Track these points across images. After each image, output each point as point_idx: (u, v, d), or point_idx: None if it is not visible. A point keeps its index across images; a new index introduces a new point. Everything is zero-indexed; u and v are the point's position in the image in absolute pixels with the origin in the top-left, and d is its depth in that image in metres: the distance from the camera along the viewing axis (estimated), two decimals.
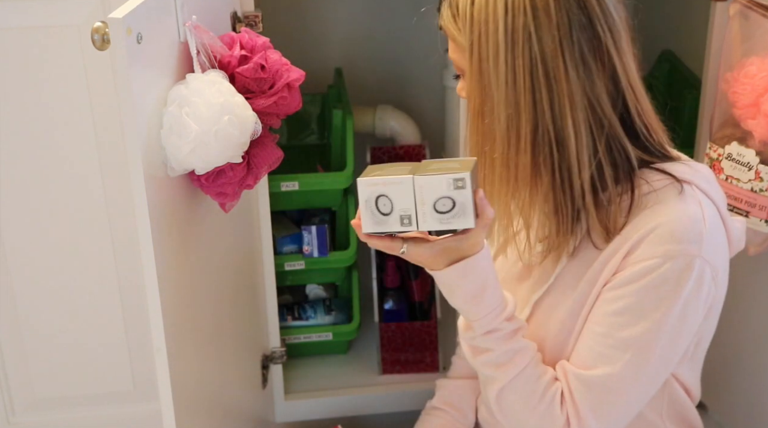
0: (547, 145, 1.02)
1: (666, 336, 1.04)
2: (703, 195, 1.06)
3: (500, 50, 1.00)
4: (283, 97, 1.16)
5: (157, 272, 1.01)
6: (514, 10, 1.00)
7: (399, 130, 1.96)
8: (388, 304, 1.84)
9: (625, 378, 1.05)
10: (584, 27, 1.00)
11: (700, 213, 1.03)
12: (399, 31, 2.04)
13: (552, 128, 1.01)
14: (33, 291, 1.58)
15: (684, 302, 1.03)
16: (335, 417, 1.77)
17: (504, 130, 1.02)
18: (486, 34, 1.01)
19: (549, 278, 1.12)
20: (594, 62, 1.01)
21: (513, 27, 1.00)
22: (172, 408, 1.07)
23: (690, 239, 1.02)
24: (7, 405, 1.65)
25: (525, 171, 1.04)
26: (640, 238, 1.03)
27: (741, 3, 1.36)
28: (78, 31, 1.41)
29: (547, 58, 1.00)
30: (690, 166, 1.09)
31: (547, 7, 0.99)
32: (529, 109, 1.01)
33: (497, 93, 1.02)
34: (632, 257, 1.04)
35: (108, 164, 1.51)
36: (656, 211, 1.04)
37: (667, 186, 1.05)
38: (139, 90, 0.97)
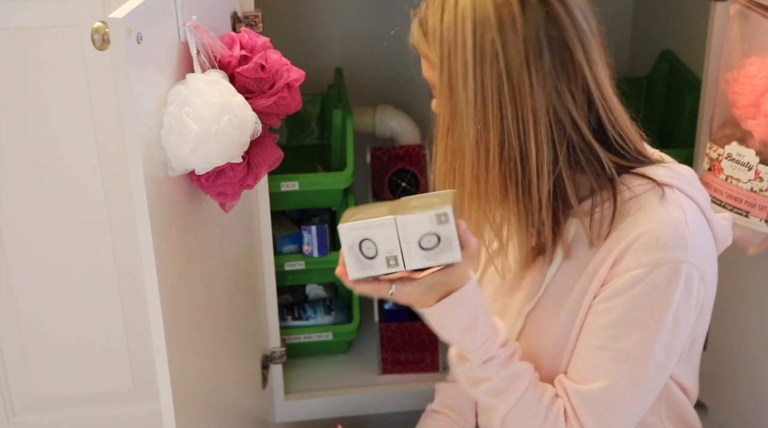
0: (513, 160, 1.02)
1: (661, 343, 1.04)
2: (685, 197, 1.06)
3: (468, 67, 1.01)
4: (283, 97, 1.16)
5: (157, 272, 1.01)
6: (482, 27, 0.99)
7: (399, 130, 1.96)
8: (388, 304, 1.84)
9: (625, 389, 1.05)
10: (553, 40, 1.00)
11: (683, 217, 1.03)
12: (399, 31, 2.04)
13: (516, 142, 1.01)
14: (33, 291, 1.58)
15: (675, 308, 1.03)
16: (335, 417, 1.77)
17: (473, 145, 1.02)
18: (455, 51, 1.01)
19: (539, 288, 1.12)
20: (564, 75, 1.01)
21: (481, 43, 1.00)
22: (172, 408, 1.07)
23: (675, 245, 1.02)
24: (7, 405, 1.65)
25: (494, 186, 1.04)
26: (625, 247, 1.03)
27: (741, 3, 1.36)
28: (78, 31, 1.41)
29: (513, 73, 1.00)
30: (670, 168, 1.09)
31: (513, 23, 0.99)
32: (497, 124, 1.01)
33: (466, 109, 1.02)
34: (619, 268, 1.03)
35: (108, 164, 1.51)
36: (639, 218, 1.03)
37: (648, 191, 1.05)
38: (139, 90, 0.97)
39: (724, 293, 1.09)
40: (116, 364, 1.66)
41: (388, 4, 2.02)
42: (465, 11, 1.00)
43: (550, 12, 0.99)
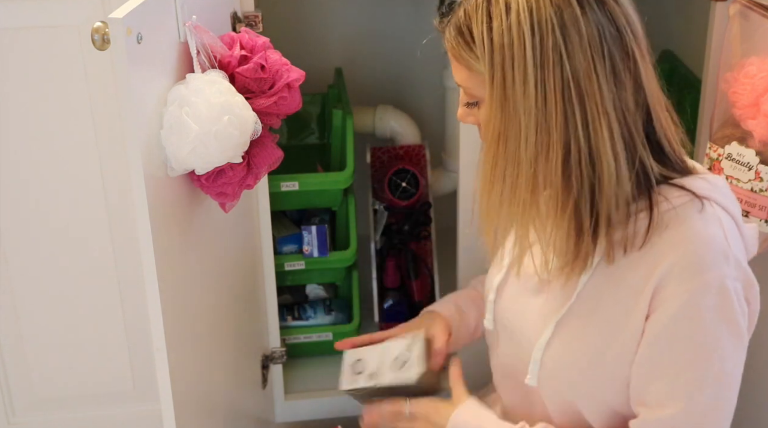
0: (580, 163, 0.99)
1: (730, 359, 1.03)
2: (722, 210, 1.05)
3: (529, 74, 0.97)
4: (283, 98, 1.16)
5: (157, 272, 1.01)
6: (541, 31, 0.96)
7: (399, 130, 1.96)
8: (388, 304, 1.84)
9: (705, 413, 1.03)
10: (614, 38, 0.98)
11: (722, 233, 1.02)
12: (399, 31, 2.04)
13: (586, 145, 0.98)
14: (33, 291, 1.58)
15: (730, 322, 1.01)
16: (335, 417, 1.77)
17: (532, 153, 0.99)
18: (512, 59, 0.97)
19: (570, 295, 1.10)
20: (624, 73, 0.99)
21: (542, 48, 0.96)
22: (172, 408, 1.07)
23: (718, 264, 1.00)
24: (7, 405, 1.65)
25: (555, 191, 1.01)
26: (668, 269, 1.01)
27: (741, 3, 1.36)
28: (78, 31, 1.41)
29: (579, 76, 0.97)
30: (708, 180, 1.07)
31: (576, 23, 0.96)
32: (561, 129, 0.98)
33: (525, 118, 0.98)
34: (667, 292, 1.01)
35: (108, 164, 1.51)
36: (679, 234, 1.02)
37: (686, 203, 1.03)
38: (139, 90, 0.97)
39: None
40: (116, 364, 1.66)
41: (388, 4, 2.02)
42: (521, 16, 0.97)
43: (608, 10, 0.98)
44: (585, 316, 1.09)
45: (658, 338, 1.03)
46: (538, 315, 1.14)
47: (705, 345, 1.01)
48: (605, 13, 0.98)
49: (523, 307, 1.17)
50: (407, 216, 1.87)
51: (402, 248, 1.88)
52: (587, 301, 1.09)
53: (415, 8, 2.03)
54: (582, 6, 0.96)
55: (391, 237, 1.88)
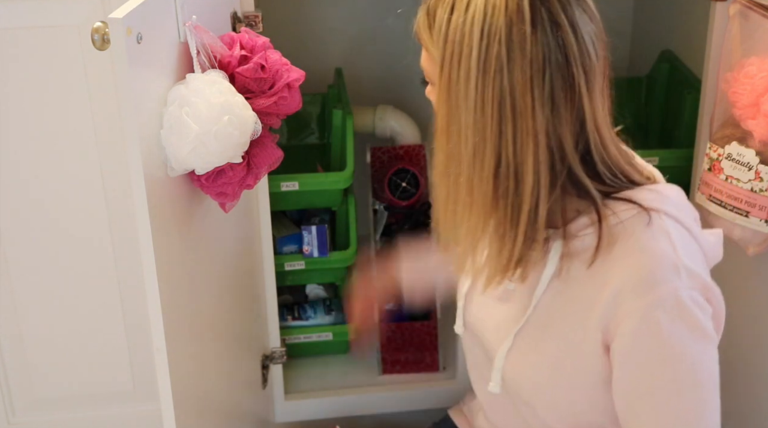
0: (507, 178, 1.00)
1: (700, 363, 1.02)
2: (672, 221, 1.04)
3: (471, 75, 0.98)
4: (283, 97, 1.16)
5: (157, 272, 1.01)
6: (489, 38, 0.97)
7: (399, 130, 1.96)
8: (388, 304, 1.84)
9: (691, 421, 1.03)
10: (559, 66, 0.97)
11: (670, 246, 1.01)
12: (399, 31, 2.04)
13: (513, 161, 0.99)
14: (33, 291, 1.58)
15: (692, 328, 1.01)
16: (335, 417, 1.77)
17: (470, 156, 1.00)
18: (459, 56, 0.99)
19: (528, 307, 1.10)
20: (563, 102, 0.98)
21: (486, 55, 0.97)
22: (172, 408, 1.07)
23: (667, 277, 1.00)
24: (7, 405, 1.65)
25: (485, 200, 1.02)
26: (619, 288, 1.01)
27: (741, 3, 1.36)
28: (78, 31, 1.41)
29: (516, 92, 0.97)
30: (657, 191, 1.06)
31: (523, 41, 0.96)
32: (495, 139, 0.99)
33: (465, 116, 0.99)
34: (622, 312, 1.01)
35: (108, 164, 1.51)
36: (627, 249, 1.02)
37: (633, 217, 1.03)
38: (139, 90, 0.97)
39: (724, 293, 1.08)
40: (116, 364, 1.66)
41: (388, 5, 2.02)
42: (475, 17, 0.97)
43: (560, 37, 0.97)
44: (541, 328, 1.09)
45: (625, 358, 1.03)
46: (499, 324, 1.15)
47: (672, 357, 1.01)
48: (557, 38, 0.97)
49: (488, 315, 1.18)
50: (407, 216, 1.87)
51: None
52: (543, 314, 1.09)
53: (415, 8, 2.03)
54: (534, 26, 0.96)
55: (391, 237, 1.88)
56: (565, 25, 0.97)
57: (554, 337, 1.08)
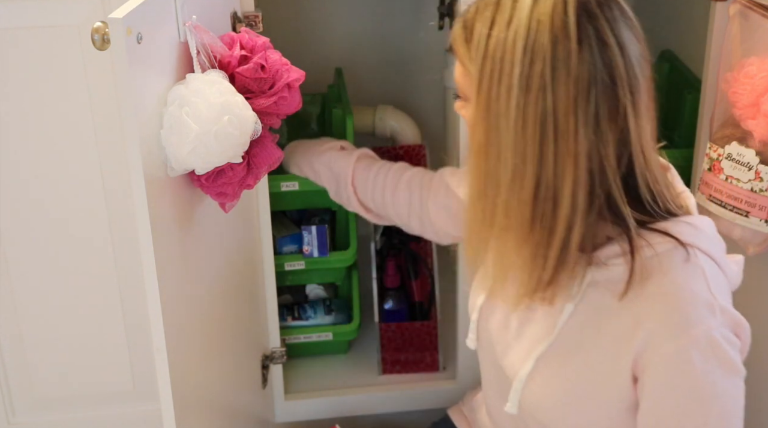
0: (545, 201, 0.97)
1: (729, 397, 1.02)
2: (706, 257, 1.02)
3: (512, 93, 0.94)
4: (283, 98, 1.16)
5: (157, 272, 1.01)
6: (533, 54, 0.92)
7: (399, 130, 1.96)
8: (388, 304, 1.84)
9: None
10: (605, 86, 0.93)
11: (706, 285, 1.00)
12: (399, 31, 2.04)
13: (552, 184, 0.96)
14: (33, 291, 1.58)
15: (723, 364, 1.00)
16: (335, 417, 1.77)
17: (509, 177, 0.97)
18: (499, 73, 0.94)
19: (551, 331, 1.08)
20: (607, 123, 0.95)
21: (529, 72, 0.93)
22: (172, 408, 1.07)
23: (703, 318, 0.98)
24: (7, 405, 1.65)
25: (523, 222, 0.98)
26: (654, 327, 0.99)
27: (741, 3, 1.36)
28: (78, 31, 1.41)
29: (559, 112, 0.93)
30: (692, 224, 1.03)
31: (568, 59, 0.92)
32: (535, 161, 0.95)
33: (505, 136, 0.95)
34: (655, 351, 0.99)
35: (108, 164, 1.51)
36: (663, 287, 0.99)
37: (670, 250, 1.00)
38: (139, 90, 0.97)
39: None
40: (116, 364, 1.66)
41: (388, 5, 2.02)
42: (518, 33, 0.93)
43: (607, 56, 0.94)
44: (565, 355, 1.07)
45: (655, 393, 1.01)
46: (519, 346, 1.13)
47: (702, 393, 1.00)
48: (604, 58, 0.93)
49: (506, 334, 1.16)
50: None
51: (402, 248, 1.88)
52: (567, 340, 1.07)
53: (415, 8, 2.03)
54: (580, 43, 0.93)
55: (391, 237, 1.88)
56: (612, 43, 0.94)
57: (579, 364, 1.06)
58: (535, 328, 1.11)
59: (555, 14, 0.93)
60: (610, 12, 0.96)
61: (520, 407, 1.13)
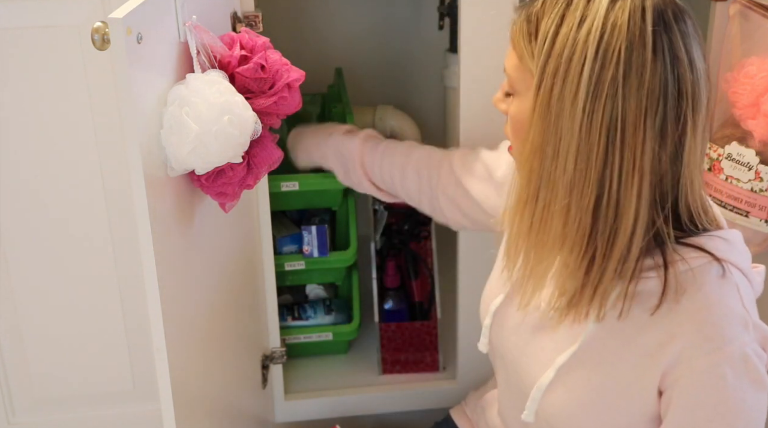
0: (606, 212, 0.94)
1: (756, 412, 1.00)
2: (738, 272, 1.01)
3: (580, 96, 0.91)
4: (283, 97, 1.16)
5: (157, 272, 1.01)
6: (605, 59, 0.90)
7: (399, 130, 1.96)
8: (388, 304, 1.84)
9: None
10: (674, 99, 0.92)
11: (740, 301, 0.99)
12: (399, 31, 2.04)
13: (615, 195, 0.93)
14: (33, 291, 1.58)
15: (753, 381, 0.99)
16: (335, 417, 1.77)
17: (568, 183, 0.94)
18: (565, 73, 0.92)
19: (574, 341, 1.06)
20: (670, 139, 0.93)
21: (600, 76, 0.90)
22: (172, 408, 1.07)
23: (737, 335, 0.97)
24: (7, 405, 1.65)
25: (582, 232, 0.95)
26: (686, 343, 0.97)
27: (741, 3, 1.36)
28: (78, 31, 1.41)
29: (627, 122, 0.91)
30: (726, 239, 1.02)
31: (642, 68, 0.90)
32: (599, 169, 0.93)
33: (567, 138, 0.93)
34: (687, 366, 0.98)
35: (108, 164, 1.51)
36: (697, 302, 0.97)
37: (704, 265, 0.99)
38: (139, 90, 0.97)
39: None
40: (116, 364, 1.66)
41: (388, 5, 2.02)
42: (591, 34, 0.91)
43: (678, 71, 0.92)
44: (589, 366, 1.06)
45: (683, 407, 1.00)
46: (539, 354, 1.11)
47: (731, 409, 0.99)
48: (674, 71, 0.92)
49: (524, 341, 1.14)
50: (407, 216, 1.87)
51: (402, 248, 1.88)
52: (592, 352, 1.05)
53: (415, 8, 2.03)
54: (655, 54, 0.91)
55: (391, 237, 1.88)
56: (683, 58, 0.92)
57: (603, 375, 1.04)
58: (555, 337, 1.09)
59: (632, 20, 0.91)
60: (684, 26, 0.94)
61: (536, 415, 1.11)
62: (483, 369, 1.45)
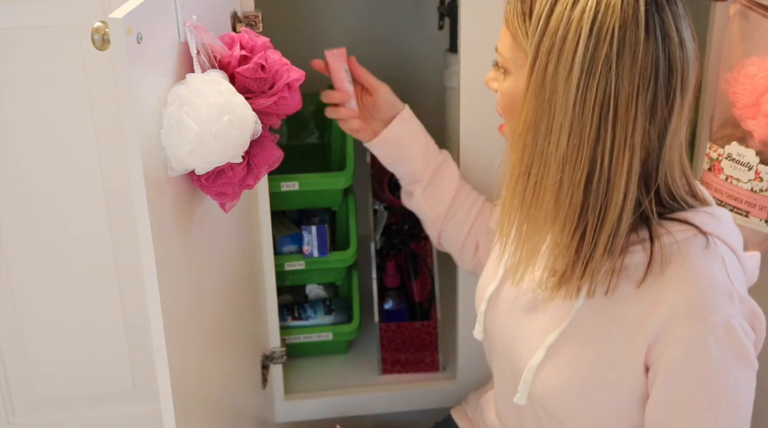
0: (598, 188, 0.97)
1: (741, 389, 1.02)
2: (724, 246, 1.03)
3: (574, 73, 0.93)
4: (283, 98, 1.16)
5: (157, 272, 1.01)
6: (599, 37, 0.92)
7: None
8: (388, 304, 1.84)
9: None
10: (664, 77, 0.94)
11: (724, 273, 1.00)
12: (399, 31, 2.04)
13: (607, 171, 0.96)
14: (33, 291, 1.58)
15: (738, 355, 1.00)
16: (335, 417, 1.77)
17: (560, 158, 0.96)
18: (559, 51, 0.94)
19: (563, 320, 1.08)
20: (659, 117, 0.96)
21: (594, 54, 0.93)
22: (172, 408, 1.07)
23: (721, 305, 0.98)
24: (7, 405, 1.65)
25: (573, 208, 0.98)
26: (671, 313, 0.99)
27: (741, 3, 1.36)
28: (78, 31, 1.41)
29: (620, 99, 0.93)
30: (711, 214, 1.04)
31: (635, 47, 0.92)
32: (591, 145, 0.95)
33: (560, 115, 0.95)
34: (672, 337, 0.99)
35: (108, 164, 1.51)
36: (681, 273, 0.99)
37: (689, 238, 1.01)
38: (139, 90, 0.97)
39: None
40: (116, 364, 1.66)
41: (388, 5, 2.02)
42: (585, 13, 0.93)
43: (669, 50, 0.94)
44: (578, 343, 1.07)
45: (668, 380, 1.01)
46: (530, 335, 1.12)
47: (716, 383, 1.00)
48: (666, 50, 0.94)
49: (515, 324, 1.15)
50: (407, 216, 1.87)
51: (402, 248, 1.88)
52: (580, 328, 1.07)
53: (415, 8, 2.03)
54: (648, 32, 0.93)
55: (391, 237, 1.88)
56: (674, 37, 0.95)
57: (592, 353, 1.06)
58: (544, 317, 1.11)
59: (625, 0, 0.93)
60: (675, 6, 0.96)
61: (529, 397, 1.12)
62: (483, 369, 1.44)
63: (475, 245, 1.46)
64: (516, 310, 1.16)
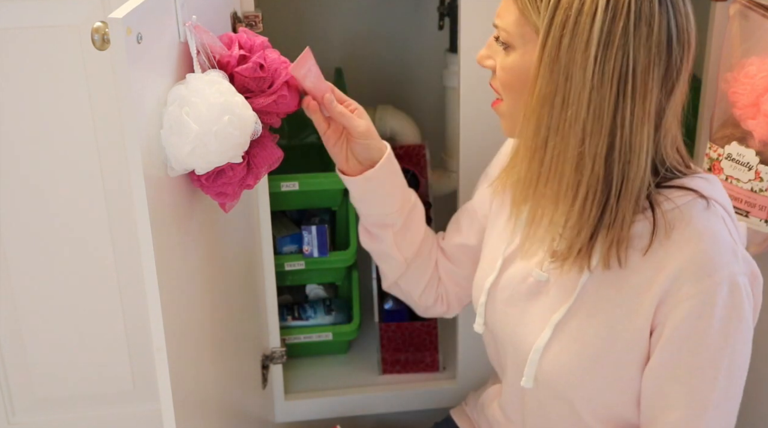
0: (620, 157, 0.98)
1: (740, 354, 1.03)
2: (722, 209, 1.04)
3: (591, 46, 0.95)
4: (283, 96, 1.16)
5: (157, 272, 1.01)
6: (615, 11, 0.94)
7: (399, 130, 1.96)
8: (388, 304, 1.84)
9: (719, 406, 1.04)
10: (674, 48, 0.97)
11: (727, 232, 1.02)
12: (399, 31, 2.04)
13: (627, 141, 0.97)
14: (33, 291, 1.58)
15: (740, 318, 1.01)
16: (335, 417, 1.77)
17: (580, 131, 0.97)
18: (574, 24, 0.95)
19: (569, 297, 1.09)
20: (669, 88, 0.99)
21: (611, 28, 0.94)
22: (172, 408, 1.07)
23: (727, 261, 1.00)
24: (7, 405, 1.65)
25: (596, 178, 0.99)
26: (677, 272, 1.00)
27: (741, 3, 1.36)
28: (78, 31, 1.41)
29: (638, 71, 0.95)
30: (706, 179, 1.06)
31: (651, 19, 0.94)
32: (610, 118, 0.97)
33: (579, 87, 0.96)
34: (679, 296, 1.01)
35: (108, 164, 1.51)
36: (686, 234, 1.01)
37: (689, 202, 1.03)
38: (139, 90, 0.97)
39: None
40: (116, 364, 1.66)
41: (388, 5, 2.02)
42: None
43: (678, 22, 0.97)
44: (585, 318, 1.08)
45: (670, 340, 1.02)
46: (534, 318, 1.13)
47: (717, 344, 1.01)
48: (676, 21, 0.96)
49: (518, 310, 1.16)
50: None
51: None
52: (586, 303, 1.08)
53: (415, 8, 2.03)
54: (660, 4, 0.95)
55: None
56: (682, 9, 0.97)
57: (599, 324, 1.07)
58: (548, 298, 1.12)
59: None
60: None
61: (536, 379, 1.12)
62: (483, 369, 1.45)
63: (438, 279, 1.41)
64: (517, 297, 1.16)
